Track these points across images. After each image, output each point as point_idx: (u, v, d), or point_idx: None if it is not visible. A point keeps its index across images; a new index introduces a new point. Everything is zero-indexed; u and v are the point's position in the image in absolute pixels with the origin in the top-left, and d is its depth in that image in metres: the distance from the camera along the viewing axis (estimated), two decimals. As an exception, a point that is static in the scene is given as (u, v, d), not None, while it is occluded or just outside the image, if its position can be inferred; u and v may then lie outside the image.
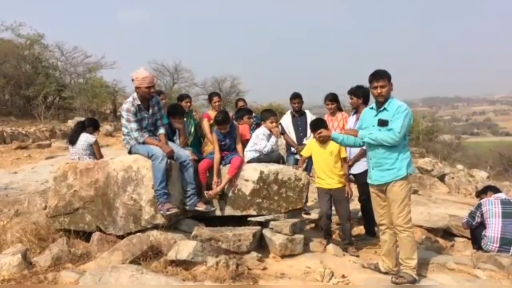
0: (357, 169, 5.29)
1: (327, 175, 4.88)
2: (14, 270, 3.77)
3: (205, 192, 4.81)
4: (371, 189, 4.25)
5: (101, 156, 5.69)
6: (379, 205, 4.20)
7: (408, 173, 3.97)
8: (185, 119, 5.62)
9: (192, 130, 5.97)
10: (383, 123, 3.97)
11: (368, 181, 4.24)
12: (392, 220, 4.07)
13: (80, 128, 6.04)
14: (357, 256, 4.74)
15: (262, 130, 5.29)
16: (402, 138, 3.92)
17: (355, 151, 5.19)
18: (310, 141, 5.09)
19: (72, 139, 5.89)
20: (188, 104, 6.22)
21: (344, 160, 4.89)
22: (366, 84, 5.43)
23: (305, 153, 5.11)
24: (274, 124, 5.35)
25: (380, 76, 4.00)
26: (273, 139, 5.25)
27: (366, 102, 5.40)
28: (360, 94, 5.36)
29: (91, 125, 6.18)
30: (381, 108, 4.02)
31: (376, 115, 4.07)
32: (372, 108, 4.17)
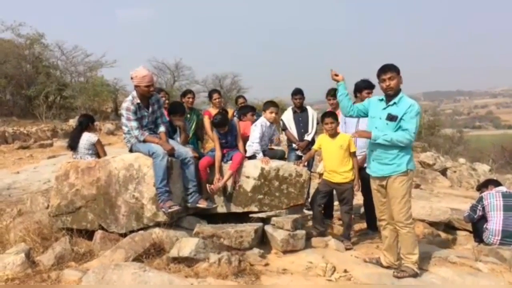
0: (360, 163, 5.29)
1: (335, 169, 4.89)
2: (18, 269, 3.79)
3: (207, 186, 4.82)
4: (372, 185, 4.25)
5: (105, 155, 5.67)
6: (380, 201, 4.21)
7: (408, 169, 3.97)
8: (188, 115, 5.62)
9: (193, 126, 5.98)
10: (392, 118, 3.94)
11: (367, 171, 4.24)
12: (392, 216, 4.07)
13: (79, 131, 5.96)
14: (351, 248, 4.76)
15: (261, 121, 5.28)
16: (414, 139, 3.92)
17: (360, 146, 5.12)
18: (321, 135, 5.13)
19: (73, 144, 5.83)
20: (190, 100, 6.21)
21: (353, 154, 4.91)
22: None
23: (315, 146, 5.17)
24: (274, 115, 5.27)
25: (389, 68, 3.96)
26: (272, 130, 5.23)
27: None
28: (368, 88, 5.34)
29: (88, 121, 6.09)
30: (391, 102, 3.99)
31: (385, 108, 4.03)
32: (381, 100, 4.11)
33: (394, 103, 3.97)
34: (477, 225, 5.25)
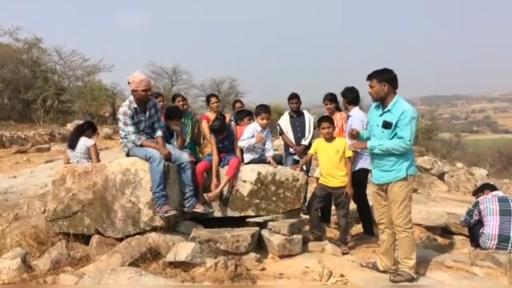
0: (354, 167, 5.31)
1: (331, 173, 4.90)
2: (14, 274, 3.79)
3: (204, 195, 4.82)
4: (372, 188, 4.28)
5: (98, 161, 5.69)
6: (380, 204, 4.22)
7: (408, 175, 3.97)
8: (182, 119, 5.63)
9: (189, 130, 5.99)
10: (387, 125, 3.96)
11: (371, 179, 4.27)
12: (391, 220, 4.08)
13: (80, 131, 6.05)
14: (347, 253, 4.77)
15: (253, 125, 5.26)
16: (412, 144, 3.93)
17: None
18: (317, 139, 5.16)
19: (72, 143, 5.89)
20: (180, 103, 6.22)
21: (348, 159, 4.92)
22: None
23: (311, 150, 5.18)
24: (265, 121, 5.18)
25: (371, 76, 4.02)
26: (265, 134, 5.24)
27: (355, 103, 5.59)
28: (349, 97, 5.58)
29: (90, 128, 6.21)
30: (386, 109, 4.00)
31: (380, 115, 4.05)
32: (377, 106, 4.14)
33: (389, 110, 3.98)
34: (473, 229, 5.25)
